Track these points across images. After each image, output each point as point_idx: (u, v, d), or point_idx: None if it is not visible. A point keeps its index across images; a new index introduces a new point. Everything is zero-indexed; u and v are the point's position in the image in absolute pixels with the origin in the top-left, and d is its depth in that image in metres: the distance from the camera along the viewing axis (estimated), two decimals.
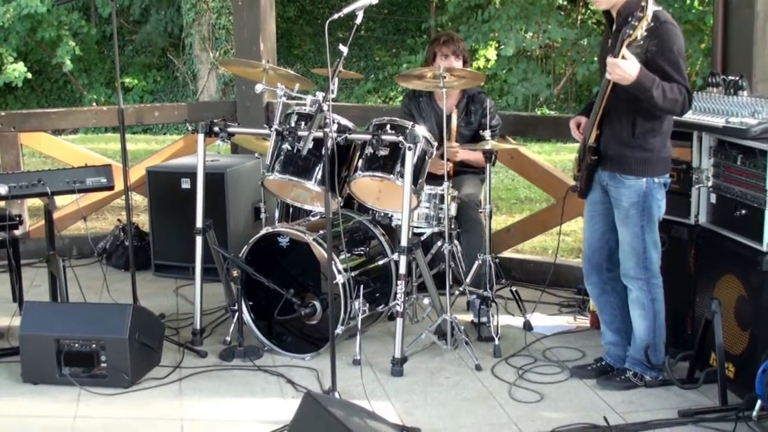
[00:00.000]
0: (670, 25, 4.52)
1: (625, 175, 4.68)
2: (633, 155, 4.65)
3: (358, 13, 4.63)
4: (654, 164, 4.67)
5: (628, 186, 4.68)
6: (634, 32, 4.29)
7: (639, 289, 4.81)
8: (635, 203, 4.69)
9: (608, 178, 4.77)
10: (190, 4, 18.50)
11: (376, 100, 19.06)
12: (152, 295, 6.44)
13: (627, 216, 4.72)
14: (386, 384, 5.04)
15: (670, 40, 4.48)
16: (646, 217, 4.71)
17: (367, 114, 7.04)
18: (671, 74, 4.48)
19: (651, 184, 4.67)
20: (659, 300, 4.85)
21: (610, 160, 4.72)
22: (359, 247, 5.54)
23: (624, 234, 4.78)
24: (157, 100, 20.42)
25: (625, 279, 4.86)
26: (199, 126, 5.65)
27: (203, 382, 5.09)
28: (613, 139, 4.70)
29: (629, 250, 4.77)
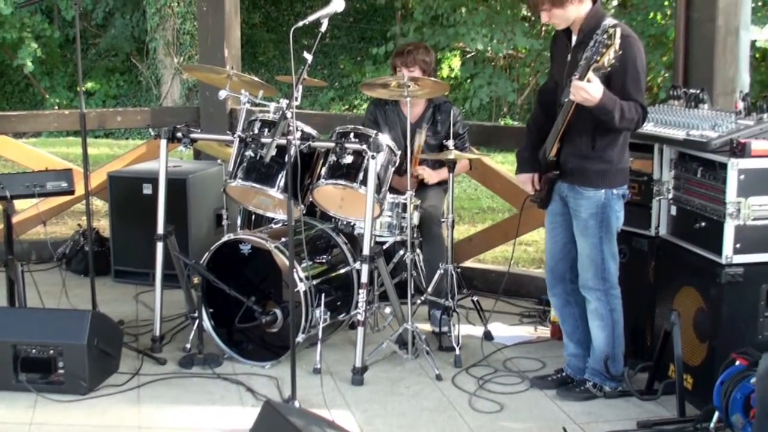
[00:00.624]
0: (633, 39, 4.54)
1: (584, 187, 4.71)
2: (592, 167, 4.67)
3: (323, 21, 4.62)
4: (613, 176, 4.70)
5: (586, 197, 4.71)
6: (602, 59, 4.30)
7: (597, 300, 4.83)
8: (594, 214, 4.71)
9: (567, 189, 4.80)
10: (155, 8, 18.42)
11: (340, 108, 19.06)
12: (112, 301, 6.38)
13: (586, 227, 4.75)
14: (346, 393, 5.03)
15: (632, 55, 4.50)
16: (605, 229, 4.73)
17: (331, 122, 7.03)
18: (630, 90, 4.52)
19: (609, 195, 4.70)
20: (618, 311, 4.87)
21: (570, 172, 4.75)
22: (321, 256, 5.53)
23: (582, 245, 4.80)
24: (120, 104, 20.31)
25: (583, 290, 4.88)
26: (161, 131, 5.62)
27: (162, 390, 5.05)
28: (572, 151, 4.72)
29: (587, 261, 4.80)
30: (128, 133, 18.15)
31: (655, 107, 5.29)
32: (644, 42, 15.54)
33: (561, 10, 4.59)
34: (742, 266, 4.54)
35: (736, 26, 5.67)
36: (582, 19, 4.62)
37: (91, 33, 21.37)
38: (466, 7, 17.42)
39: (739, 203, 4.50)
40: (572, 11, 4.60)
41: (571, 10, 4.59)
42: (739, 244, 4.53)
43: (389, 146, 5.38)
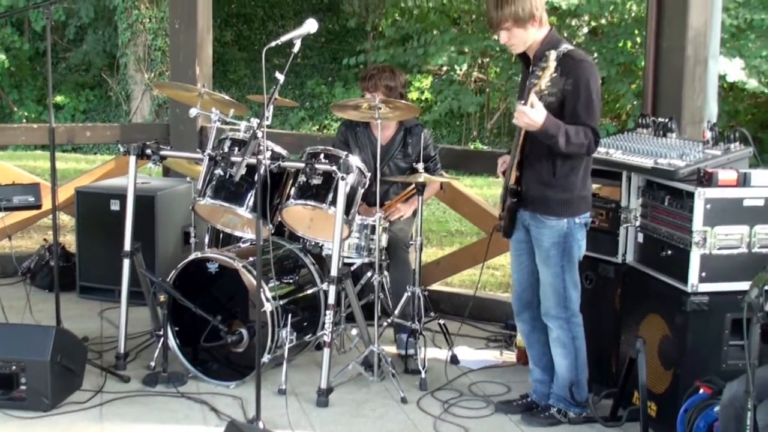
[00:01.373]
0: (587, 63, 4.55)
1: (546, 216, 4.69)
2: (554, 196, 4.66)
3: (296, 42, 4.62)
4: (575, 204, 4.70)
5: (549, 226, 4.70)
6: (539, 81, 4.31)
7: (559, 328, 4.83)
8: (556, 243, 4.70)
9: (530, 218, 4.77)
10: (126, 24, 18.36)
11: (310, 128, 19.05)
12: (76, 317, 6.33)
13: (548, 256, 4.74)
14: (311, 414, 5.01)
15: (585, 78, 4.50)
16: (566, 258, 4.73)
17: (302, 142, 7.03)
18: (581, 114, 4.50)
19: (572, 224, 4.69)
20: (580, 338, 4.87)
21: (531, 201, 4.73)
22: (289, 276, 5.52)
23: (545, 274, 4.79)
24: (90, 119, 20.19)
25: (545, 318, 4.88)
26: (131, 148, 5.59)
27: (125, 408, 5.02)
28: (534, 179, 4.70)
29: (550, 289, 4.79)
30: (97, 148, 18.05)
31: (623, 135, 5.33)
32: (614, 70, 15.82)
33: (522, 30, 4.57)
34: (708, 295, 4.57)
35: (705, 56, 5.74)
36: (538, 44, 4.62)
37: (62, 47, 21.26)
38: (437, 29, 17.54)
39: (705, 232, 4.54)
40: (532, 33, 4.60)
41: (531, 32, 4.59)
42: (705, 272, 4.56)
43: (359, 168, 5.38)
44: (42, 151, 15.76)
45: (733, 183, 4.57)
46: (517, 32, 4.59)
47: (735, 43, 14.49)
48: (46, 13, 5.38)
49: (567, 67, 4.46)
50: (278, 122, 18.67)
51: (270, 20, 22.38)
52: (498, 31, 4.64)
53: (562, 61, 4.45)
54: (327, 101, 19.10)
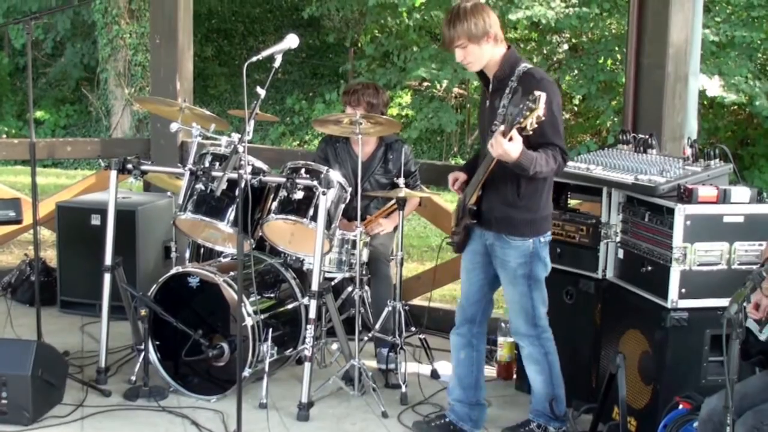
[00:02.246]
0: (548, 82, 4.49)
1: (512, 236, 4.62)
2: (519, 216, 4.60)
3: (277, 57, 4.63)
4: (539, 224, 4.66)
5: (514, 247, 4.63)
6: (525, 121, 4.16)
7: (531, 345, 4.80)
8: (522, 264, 4.64)
9: (494, 238, 4.69)
10: (107, 39, 18.35)
11: (290, 143, 19.06)
12: (57, 331, 6.30)
13: (514, 276, 4.68)
14: (292, 428, 5.01)
15: (549, 99, 4.31)
16: (534, 277, 4.68)
17: (282, 157, 7.03)
18: (549, 134, 4.43)
19: (537, 243, 4.64)
20: (552, 353, 4.84)
21: (496, 221, 4.66)
22: (270, 290, 5.53)
23: (512, 294, 4.74)
24: (70, 134, 20.15)
25: (516, 336, 4.86)
26: (111, 162, 5.59)
27: (106, 422, 5.01)
28: (497, 200, 4.63)
29: (518, 308, 4.75)
30: (77, 163, 18.01)
31: (604, 151, 5.36)
32: (594, 87, 15.88)
33: (477, 47, 4.52)
34: (687, 311, 4.59)
35: (685, 73, 5.80)
36: (496, 63, 4.58)
37: (41, 62, 21.23)
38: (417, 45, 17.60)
39: (685, 248, 4.56)
40: (487, 51, 4.55)
41: (486, 50, 4.54)
42: (685, 288, 4.58)
43: (340, 183, 5.40)
44: (22, 166, 15.71)
45: (713, 199, 4.60)
46: (472, 49, 4.53)
47: (715, 60, 14.61)
48: (27, 29, 5.37)
49: (529, 86, 4.36)
50: (258, 137, 18.69)
51: (250, 35, 22.42)
52: (453, 48, 4.57)
53: (523, 80, 4.45)
54: (307, 117, 19.12)
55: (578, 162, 5.26)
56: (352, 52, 19.95)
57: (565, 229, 5.34)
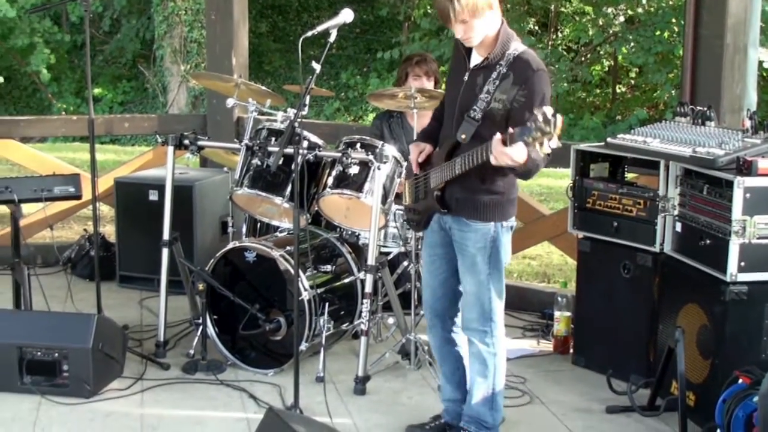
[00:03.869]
0: (542, 73, 4.09)
1: (472, 220, 4.24)
2: (481, 198, 4.21)
3: (332, 32, 4.63)
4: (503, 207, 4.27)
5: (474, 230, 4.25)
6: (534, 142, 3.68)
7: (481, 342, 4.37)
8: (482, 248, 4.26)
9: (452, 221, 4.32)
10: (162, 16, 18.47)
11: (345, 118, 19.08)
12: (116, 306, 6.39)
13: (473, 263, 4.29)
14: (348, 402, 5.04)
15: (540, 91, 4.04)
16: (493, 264, 4.29)
17: (338, 132, 7.04)
18: None
19: (499, 228, 4.26)
20: (501, 355, 4.42)
21: (456, 203, 4.27)
22: (326, 265, 5.54)
23: (469, 283, 4.34)
24: (127, 111, 20.34)
25: (466, 331, 4.43)
26: (168, 138, 5.63)
27: (165, 395, 5.08)
28: (458, 183, 4.23)
29: (473, 300, 4.34)
30: (134, 139, 18.19)
31: (661, 124, 5.30)
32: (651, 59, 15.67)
33: (479, 21, 4.04)
34: (747, 284, 4.54)
35: (744, 44, 5.70)
36: (491, 40, 4.13)
37: (98, 39, 21.42)
38: None
39: (744, 221, 4.50)
40: (488, 23, 4.06)
41: (486, 22, 4.06)
42: (744, 262, 4.53)
43: (395, 157, 5.39)
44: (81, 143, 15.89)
45: None
46: (474, 24, 4.05)
47: None
48: (85, 5, 5.42)
49: (520, 74, 4.05)
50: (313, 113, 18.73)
51: (305, 11, 22.41)
52: (455, 24, 4.07)
53: (516, 66, 4.07)
54: (362, 92, 19.12)
55: (635, 135, 5.21)
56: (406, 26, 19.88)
57: (622, 203, 5.30)
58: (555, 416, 4.95)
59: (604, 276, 5.43)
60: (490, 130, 3.98)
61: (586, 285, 5.59)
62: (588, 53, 18.54)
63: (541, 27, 19.57)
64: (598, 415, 4.95)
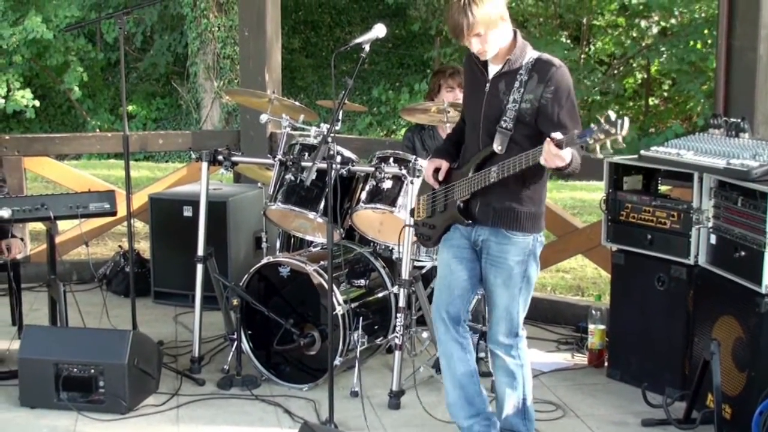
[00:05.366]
0: (564, 69, 4.13)
1: (513, 231, 4.22)
2: (523, 210, 4.21)
3: (365, 46, 4.65)
4: (539, 219, 4.29)
5: (514, 243, 4.23)
6: (594, 144, 3.73)
7: (507, 356, 4.40)
8: (521, 262, 4.25)
9: (490, 233, 4.27)
10: (196, 33, 18.59)
11: (377, 133, 19.10)
12: (151, 321, 6.44)
13: (510, 276, 4.26)
14: (383, 417, 5.05)
15: (566, 85, 4.10)
16: (527, 279, 4.30)
17: (370, 146, 7.07)
18: (566, 123, 4.03)
19: (536, 242, 4.28)
20: (527, 365, 4.47)
21: (495, 213, 4.23)
22: (359, 279, 5.55)
23: (501, 296, 4.31)
24: (161, 128, 20.46)
25: (492, 344, 4.44)
26: (202, 154, 5.67)
27: (201, 410, 5.10)
28: (497, 192, 4.19)
29: (504, 314, 4.34)
30: (168, 156, 18.28)
31: (695, 136, 5.29)
32: (685, 70, 15.57)
33: (494, 32, 4.08)
34: None
35: None
36: (505, 51, 4.16)
37: (132, 57, 21.60)
38: None
39: None
40: (502, 34, 4.12)
41: (501, 31, 4.10)
42: None
43: None
44: (115, 160, 15.99)
45: None
46: (489, 36, 4.08)
47: None
48: (120, 23, 5.48)
49: (544, 73, 4.08)
50: (346, 128, 18.77)
51: (337, 26, 22.48)
52: (469, 38, 4.08)
53: (538, 67, 4.10)
54: (394, 106, 19.13)
55: (668, 147, 5.20)
56: (438, 41, 19.90)
57: (655, 216, 5.28)
58: (590, 429, 4.94)
59: (638, 289, 5.41)
60: (522, 133, 4.10)
61: (621, 298, 5.58)
62: (621, 66, 18.47)
63: (573, 41, 19.51)
64: (634, 428, 4.93)
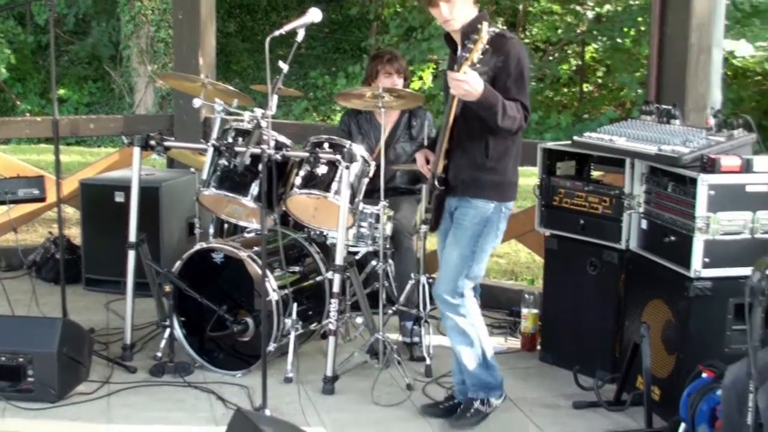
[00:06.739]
0: (516, 41, 4.43)
1: (476, 198, 4.51)
2: (486, 178, 4.49)
3: (300, 31, 4.63)
4: (506, 189, 4.56)
5: (474, 206, 4.51)
6: (471, 54, 4.10)
7: (456, 315, 4.64)
8: (476, 224, 4.52)
9: (457, 201, 4.58)
10: (129, 16, 18.34)
11: (314, 118, 19.02)
12: (82, 309, 6.35)
13: (462, 236, 4.54)
14: (318, 402, 5.04)
15: (516, 54, 4.37)
16: (480, 244, 4.55)
17: (305, 132, 7.04)
18: (512, 90, 4.34)
19: (497, 210, 4.54)
20: (478, 322, 4.71)
21: (462, 184, 4.54)
22: (294, 265, 5.54)
23: (451, 254, 4.57)
24: (93, 112, 20.14)
25: (439, 301, 4.68)
26: (134, 139, 5.59)
27: (132, 398, 5.05)
28: (466, 164, 4.51)
29: (450, 272, 4.57)
30: (100, 140, 18.05)
31: (627, 122, 5.33)
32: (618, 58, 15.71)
33: (463, 2, 4.39)
34: (711, 280, 4.59)
35: (708, 44, 5.75)
36: (470, 23, 4.39)
37: (63, 39, 21.25)
38: None
39: (708, 218, 4.54)
40: (469, 6, 4.42)
41: (468, 3, 4.42)
42: (708, 258, 4.58)
43: (363, 156, 5.39)
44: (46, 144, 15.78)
45: (737, 169, 4.58)
46: (457, 3, 4.38)
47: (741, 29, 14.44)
48: (50, 5, 5.39)
49: (497, 44, 4.29)
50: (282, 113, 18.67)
51: (273, 11, 22.36)
52: (438, 4, 4.37)
53: (494, 40, 4.25)
54: (330, 92, 19.07)
55: (601, 133, 5.24)
56: (374, 27, 19.87)
57: (588, 201, 5.33)
58: (522, 412, 4.97)
59: (570, 273, 5.46)
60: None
61: (553, 282, 5.63)
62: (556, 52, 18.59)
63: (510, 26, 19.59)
64: (565, 411, 4.98)
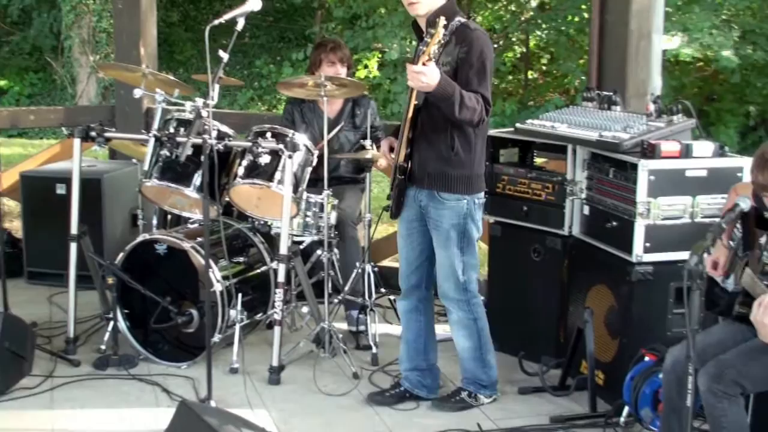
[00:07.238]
0: (480, 32, 4.47)
1: (446, 194, 4.55)
2: (454, 173, 4.53)
3: (240, 20, 4.60)
4: (474, 182, 4.60)
5: (449, 207, 4.56)
6: (428, 48, 4.17)
7: (460, 310, 4.75)
8: (456, 225, 4.58)
9: (428, 198, 4.61)
10: (70, 6, 18.13)
11: (259, 108, 18.94)
12: (24, 303, 6.26)
13: (447, 238, 4.60)
14: (264, 392, 5.03)
15: (479, 47, 4.39)
16: (466, 239, 4.62)
17: (249, 121, 7.00)
18: (473, 82, 4.37)
19: (471, 204, 4.59)
20: (482, 318, 4.80)
21: (429, 177, 4.57)
22: (238, 255, 5.52)
23: (443, 256, 4.65)
24: (34, 103, 19.90)
25: (444, 300, 4.77)
26: (75, 130, 5.54)
27: (76, 392, 5.01)
28: (431, 155, 4.54)
29: (448, 272, 4.66)
30: (42, 132, 17.84)
31: (568, 109, 5.38)
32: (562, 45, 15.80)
33: None
34: (652, 265, 4.64)
35: (648, 30, 5.80)
36: (436, 11, 4.41)
37: (4, 30, 20.96)
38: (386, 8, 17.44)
39: (649, 203, 4.59)
40: None
41: None
42: (649, 243, 4.62)
43: (306, 146, 5.38)
44: None
45: (676, 154, 4.63)
46: None
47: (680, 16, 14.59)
48: None
49: (461, 36, 4.38)
50: (227, 102, 18.58)
51: (216, 0, 22.20)
52: None
53: (458, 31, 4.40)
54: (275, 81, 18.97)
55: (543, 120, 5.27)
56: (319, 15, 19.81)
57: (531, 188, 5.36)
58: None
59: (514, 260, 5.49)
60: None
61: (498, 269, 5.66)
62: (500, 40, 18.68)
63: None
64: (511, 396, 5.01)
